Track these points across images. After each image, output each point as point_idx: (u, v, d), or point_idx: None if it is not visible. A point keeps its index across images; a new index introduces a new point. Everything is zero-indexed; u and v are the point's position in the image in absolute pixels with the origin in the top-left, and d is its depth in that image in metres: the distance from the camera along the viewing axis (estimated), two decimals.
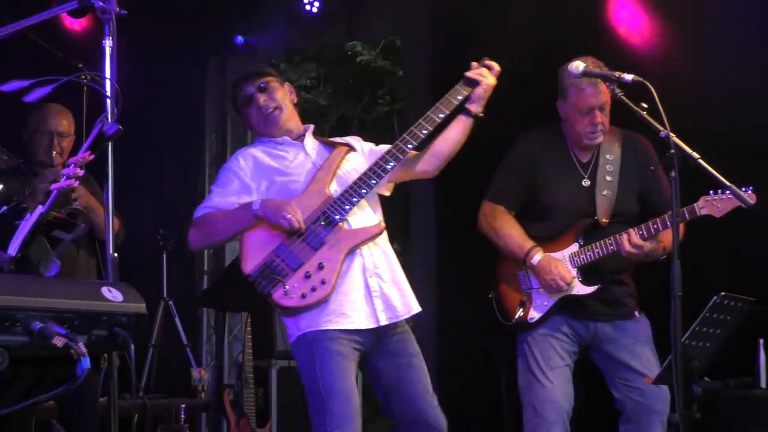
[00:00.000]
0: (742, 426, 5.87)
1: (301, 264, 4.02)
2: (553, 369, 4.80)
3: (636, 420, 4.81)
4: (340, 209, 4.08)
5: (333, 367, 3.98)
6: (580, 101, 4.80)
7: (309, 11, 8.30)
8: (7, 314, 2.39)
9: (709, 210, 4.66)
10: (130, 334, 2.64)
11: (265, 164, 4.22)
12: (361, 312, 4.06)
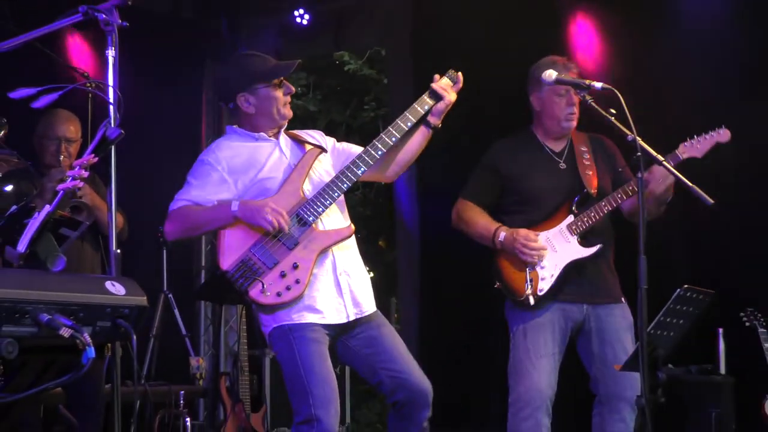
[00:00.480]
0: (703, 409, 5.89)
1: (277, 263, 3.99)
2: (541, 358, 4.79)
3: (608, 403, 4.83)
4: (314, 211, 4.05)
5: (311, 353, 3.98)
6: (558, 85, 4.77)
7: (299, 23, 8.31)
8: (16, 307, 2.39)
9: (690, 153, 4.71)
10: (132, 325, 2.64)
11: (242, 159, 4.15)
12: (332, 308, 4.06)
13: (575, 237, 4.84)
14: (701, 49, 6.46)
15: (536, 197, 4.89)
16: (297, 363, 3.98)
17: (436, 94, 4.28)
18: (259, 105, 4.18)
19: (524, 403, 4.79)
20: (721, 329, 6.13)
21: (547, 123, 5.01)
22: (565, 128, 4.96)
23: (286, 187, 4.10)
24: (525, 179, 4.93)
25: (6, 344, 2.35)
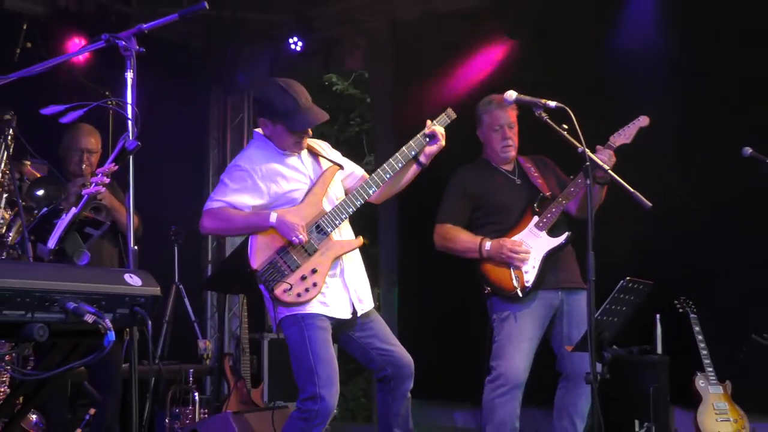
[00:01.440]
0: (642, 384, 5.90)
1: (299, 266, 4.02)
2: (522, 342, 4.81)
3: (573, 379, 4.85)
4: (333, 222, 4.10)
5: (319, 339, 4.01)
6: (492, 121, 4.95)
7: (294, 49, 8.32)
8: (47, 296, 2.38)
9: (620, 141, 4.80)
10: (148, 312, 2.63)
11: (273, 168, 4.13)
12: (339, 305, 4.11)
13: (544, 232, 4.87)
14: (633, 61, 6.53)
15: (502, 209, 4.92)
16: (306, 347, 4.01)
17: (431, 137, 4.32)
18: (274, 136, 4.17)
19: (504, 380, 4.80)
20: (658, 315, 6.14)
21: (491, 154, 5.07)
22: (504, 158, 5.04)
23: (309, 199, 4.12)
24: (490, 196, 4.97)
25: (38, 329, 2.34)
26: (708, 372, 5.79)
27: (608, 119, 4.97)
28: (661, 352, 6.19)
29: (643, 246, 6.22)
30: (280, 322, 4.11)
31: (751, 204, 6.17)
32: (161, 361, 6.66)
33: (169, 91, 7.55)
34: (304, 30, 8.29)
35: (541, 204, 4.92)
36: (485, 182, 5.02)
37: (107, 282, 2.57)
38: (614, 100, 6.34)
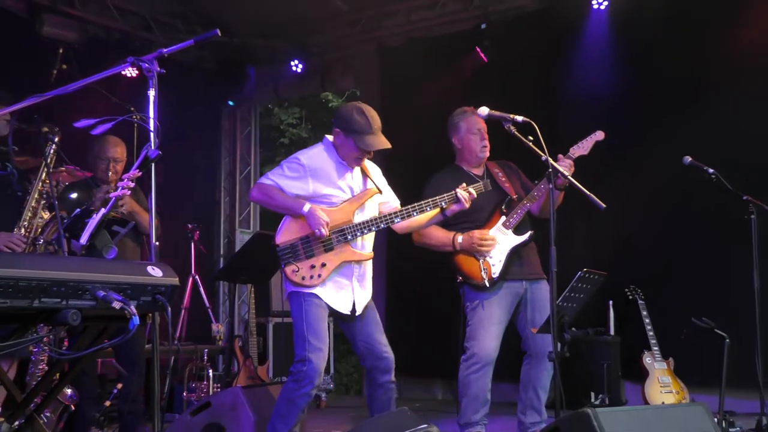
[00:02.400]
0: (597, 361, 5.93)
1: (313, 256, 4.06)
2: (492, 326, 4.79)
3: (536, 357, 4.84)
4: (354, 234, 4.12)
5: (314, 313, 4.04)
6: (471, 126, 4.91)
7: (295, 71, 8.36)
8: (79, 285, 2.37)
9: (579, 152, 4.77)
10: (167, 299, 2.63)
11: (326, 172, 4.17)
12: (341, 300, 4.12)
13: (510, 230, 4.86)
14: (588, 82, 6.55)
15: (473, 210, 4.90)
16: (302, 319, 4.04)
17: (458, 198, 4.30)
18: (342, 146, 4.20)
19: (478, 359, 4.79)
20: (611, 301, 6.18)
21: (467, 156, 5.03)
22: (481, 158, 5.01)
23: (343, 207, 4.15)
24: None
25: (72, 314, 2.33)
26: (654, 350, 5.81)
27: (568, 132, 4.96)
28: (613, 334, 6.22)
29: (597, 241, 6.25)
30: (288, 295, 4.15)
31: (691, 205, 6.20)
32: (179, 342, 6.65)
33: (185, 107, 7.55)
34: (304, 54, 8.32)
35: (508, 205, 4.91)
36: (458, 185, 5.00)
37: (132, 273, 2.57)
38: (573, 116, 6.36)
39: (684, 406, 4.66)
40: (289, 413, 4.01)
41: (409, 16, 7.80)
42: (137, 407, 5.45)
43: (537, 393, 4.91)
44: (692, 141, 5.71)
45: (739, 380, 5.00)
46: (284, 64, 8.39)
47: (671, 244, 6.39)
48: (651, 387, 5.73)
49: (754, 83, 6.11)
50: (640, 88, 6.54)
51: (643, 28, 6.50)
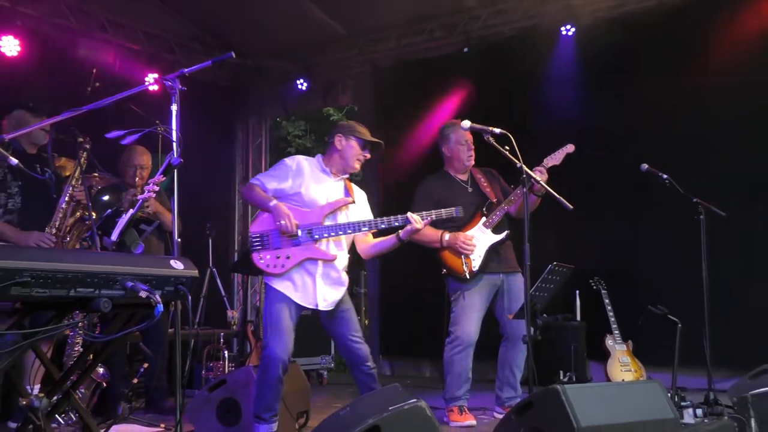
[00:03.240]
0: (565, 343, 5.93)
1: (279, 248, 3.98)
2: (473, 313, 4.82)
3: (511, 340, 4.87)
4: (320, 233, 4.00)
5: (276, 308, 3.97)
6: (459, 137, 4.94)
7: (300, 88, 8.38)
8: (110, 277, 2.38)
9: (551, 162, 4.80)
10: (188, 289, 2.63)
11: (307, 175, 4.09)
12: (308, 297, 4.00)
13: (489, 230, 4.88)
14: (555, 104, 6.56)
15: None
16: (266, 311, 4.00)
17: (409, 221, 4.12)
18: (345, 148, 4.13)
19: (460, 341, 4.81)
20: (577, 291, 6.17)
21: (455, 163, 5.05)
22: (467, 165, 5.04)
23: (315, 210, 4.03)
24: (449, 200, 4.90)
25: (103, 302, 2.33)
26: (615, 334, 5.82)
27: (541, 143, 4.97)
28: (579, 319, 6.22)
29: (566, 239, 6.24)
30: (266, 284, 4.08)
31: (648, 207, 6.21)
32: (199, 326, 6.62)
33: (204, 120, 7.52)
34: (308, 74, 8.34)
35: (488, 208, 4.93)
36: (446, 189, 5.00)
37: (157, 266, 2.57)
38: (546, 129, 6.36)
39: (641, 382, 4.66)
40: (264, 393, 3.94)
41: (399, 40, 7.81)
42: (161, 384, 5.45)
43: (513, 371, 4.93)
44: (648, 151, 5.73)
45: (689, 360, 5.01)
46: (291, 83, 8.40)
47: (630, 241, 6.41)
48: (612, 366, 5.74)
49: (700, 101, 6.14)
50: (602, 103, 6.55)
51: (604, 52, 6.51)
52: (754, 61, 5.96)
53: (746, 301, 5.86)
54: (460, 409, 4.79)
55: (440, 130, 5.11)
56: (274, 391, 3.94)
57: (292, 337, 3.99)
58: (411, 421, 2.51)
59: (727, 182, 5.91)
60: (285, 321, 3.97)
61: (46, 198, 4.51)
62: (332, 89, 8.51)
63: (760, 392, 3.86)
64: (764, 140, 5.89)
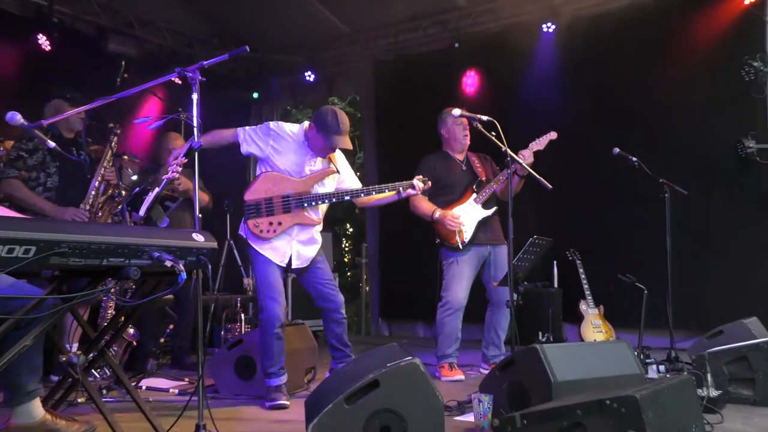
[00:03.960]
0: (544, 308, 5.95)
1: (272, 215, 3.95)
2: (463, 280, 4.82)
3: (497, 305, 4.89)
4: (310, 203, 3.98)
5: (266, 270, 3.96)
6: (456, 119, 4.87)
7: (308, 80, 8.30)
8: (139, 248, 2.37)
9: (536, 147, 4.78)
10: (208, 259, 2.63)
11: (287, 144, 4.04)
12: (282, 255, 3.99)
13: (479, 205, 4.88)
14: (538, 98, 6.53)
15: (452, 186, 4.89)
16: (257, 275, 3.98)
17: (412, 186, 4.20)
18: (312, 138, 4.05)
19: (451, 305, 4.82)
20: (555, 261, 6.19)
21: (452, 143, 5.03)
22: (463, 144, 5.00)
23: (305, 180, 4.00)
24: (445, 176, 4.92)
25: (133, 270, 2.33)
26: (588, 299, 5.84)
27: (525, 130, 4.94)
28: (556, 287, 6.25)
29: (545, 215, 6.24)
30: (250, 247, 4.02)
31: (619, 186, 6.21)
32: (218, 292, 6.64)
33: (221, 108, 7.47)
34: (315, 67, 8.28)
35: (479, 185, 4.92)
36: (443, 166, 4.99)
37: (180, 239, 2.56)
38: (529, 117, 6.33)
39: (611, 342, 4.68)
40: (266, 352, 3.95)
41: (397, 37, 7.77)
42: (185, 343, 5.48)
43: (497, 332, 4.95)
44: (620, 136, 5.72)
45: (653, 322, 5.04)
46: (299, 75, 8.35)
47: (603, 216, 6.41)
48: (586, 328, 5.77)
49: (665, 92, 6.14)
50: (580, 94, 6.53)
51: (581, 47, 6.48)
52: (711, 56, 5.96)
53: (705, 270, 5.88)
54: (450, 365, 4.81)
55: (439, 115, 5.08)
56: (276, 347, 3.95)
57: (284, 296, 4.00)
58: (407, 376, 2.53)
59: (689, 164, 5.91)
60: (276, 283, 3.97)
61: (81, 178, 4.51)
62: (336, 80, 8.46)
63: (716, 350, 3.90)
64: (717, 126, 5.93)
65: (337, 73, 8.41)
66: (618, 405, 2.05)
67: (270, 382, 3.95)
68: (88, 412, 3.33)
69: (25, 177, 4.44)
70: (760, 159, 5.73)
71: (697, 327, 5.44)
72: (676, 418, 2.23)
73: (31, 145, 4.47)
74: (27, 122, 2.85)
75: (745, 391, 3.79)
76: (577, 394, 2.55)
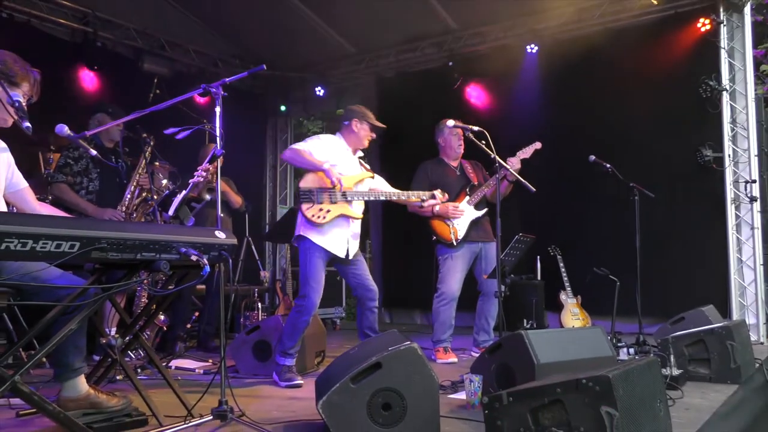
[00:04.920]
0: (528, 298, 5.95)
1: (322, 202, 3.93)
2: (456, 273, 4.81)
3: (487, 295, 4.88)
4: (353, 196, 4.00)
5: (315, 261, 3.92)
6: (452, 129, 4.86)
7: (318, 94, 8.30)
8: (168, 244, 2.38)
9: (522, 156, 4.77)
10: (229, 254, 2.63)
11: (334, 149, 4.08)
12: (340, 247, 3.99)
13: (471, 206, 4.87)
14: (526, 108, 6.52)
15: (447, 189, 4.90)
16: (305, 264, 3.93)
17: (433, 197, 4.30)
18: (359, 130, 4.12)
19: (445, 296, 4.82)
20: (538, 256, 6.18)
21: (448, 151, 5.02)
22: (458, 152, 4.99)
23: (348, 178, 4.00)
24: (441, 180, 4.92)
25: (163, 263, 2.34)
26: (567, 290, 5.84)
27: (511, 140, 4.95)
28: (539, 279, 6.24)
29: (529, 215, 6.24)
30: (297, 236, 4.00)
31: (594, 190, 6.21)
32: (237, 283, 6.65)
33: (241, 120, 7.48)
34: (325, 83, 8.27)
35: (471, 189, 4.91)
36: (439, 172, 4.98)
37: (204, 236, 2.56)
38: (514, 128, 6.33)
39: (587, 329, 4.69)
40: (293, 334, 3.93)
41: (398, 56, 7.77)
42: (210, 328, 5.48)
43: (487, 320, 4.94)
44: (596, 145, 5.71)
45: (624, 311, 5.05)
46: (310, 90, 8.35)
47: (580, 217, 6.41)
48: (565, 316, 5.77)
49: (635, 105, 6.14)
50: (558, 106, 6.52)
51: (561, 66, 6.47)
52: (673, 75, 5.99)
53: (668, 263, 5.88)
54: (445, 349, 4.81)
55: (436, 126, 5.05)
56: (301, 333, 3.96)
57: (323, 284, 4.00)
58: (406, 359, 2.53)
59: (654, 170, 5.91)
60: (321, 276, 3.96)
61: (118, 183, 4.53)
62: (344, 95, 8.45)
63: (677, 335, 3.92)
64: (678, 136, 5.96)
65: (344, 88, 8.40)
66: (593, 383, 2.06)
67: (285, 361, 3.94)
68: (125, 388, 3.34)
69: (71, 182, 4.47)
70: (716, 166, 5.78)
71: (662, 314, 5.43)
72: (644, 394, 2.23)
73: (76, 154, 4.51)
74: (73, 133, 2.86)
75: (702, 369, 3.83)
76: (557, 374, 2.55)
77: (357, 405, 2.45)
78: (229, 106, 3.06)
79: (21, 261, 2.44)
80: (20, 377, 2.18)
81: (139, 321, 3.11)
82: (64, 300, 2.42)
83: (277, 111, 8.83)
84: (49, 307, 2.41)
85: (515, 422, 2.17)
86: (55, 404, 2.40)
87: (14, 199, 2.84)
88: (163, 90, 6.31)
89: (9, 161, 2.80)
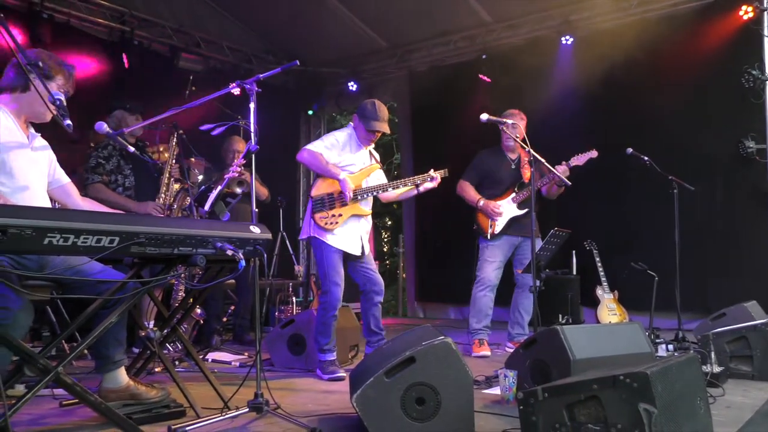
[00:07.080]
0: (563, 292, 5.88)
1: (333, 208, 3.97)
2: (494, 262, 4.85)
3: (522, 288, 4.89)
4: (362, 195, 4.02)
5: (333, 258, 3.95)
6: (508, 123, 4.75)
7: (351, 89, 8.31)
8: (204, 239, 2.39)
9: (576, 162, 4.73)
10: (264, 249, 2.64)
11: (348, 148, 4.06)
12: (354, 245, 4.02)
13: (515, 204, 4.87)
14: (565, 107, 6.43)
15: (498, 182, 4.87)
16: (323, 261, 3.96)
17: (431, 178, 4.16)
18: (357, 128, 4.11)
19: (483, 283, 4.85)
20: (574, 251, 6.11)
21: (505, 142, 4.97)
22: (507, 146, 4.96)
23: (357, 175, 4.03)
24: (494, 173, 4.90)
25: (199, 258, 2.35)
26: (604, 285, 5.76)
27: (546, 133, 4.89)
28: (575, 273, 6.17)
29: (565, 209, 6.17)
30: (309, 238, 4.03)
31: (631, 183, 6.11)
32: (272, 278, 6.71)
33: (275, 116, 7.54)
34: (357, 78, 8.29)
35: (519, 186, 4.89)
36: (494, 163, 4.96)
37: (240, 231, 2.58)
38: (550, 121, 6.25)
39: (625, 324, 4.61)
40: (325, 330, 3.96)
41: (430, 50, 7.74)
42: (245, 322, 5.55)
43: (521, 314, 4.93)
44: (633, 138, 5.62)
45: (663, 306, 4.96)
46: (343, 85, 8.38)
47: (617, 211, 6.31)
48: (602, 311, 5.69)
49: (674, 97, 6.01)
50: (594, 99, 6.42)
51: (597, 57, 6.36)
52: (714, 65, 5.84)
53: (709, 259, 5.76)
54: (480, 341, 4.80)
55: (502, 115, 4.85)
56: (332, 327, 3.98)
57: (344, 282, 4.02)
58: (440, 353, 2.52)
59: (694, 162, 5.79)
60: (340, 271, 3.99)
61: (151, 176, 4.62)
62: (376, 89, 8.45)
63: (719, 331, 3.84)
64: (720, 128, 5.83)
65: (376, 83, 8.41)
66: (630, 380, 2.02)
67: (326, 357, 3.98)
68: (163, 380, 3.40)
69: (106, 180, 4.57)
70: (759, 158, 5.65)
71: (702, 310, 5.34)
72: (683, 391, 2.19)
73: (105, 153, 4.60)
74: (112, 131, 2.93)
75: (744, 367, 3.75)
76: (594, 370, 2.51)
77: (391, 399, 2.45)
78: (262, 102, 3.08)
79: (63, 255, 2.51)
80: (63, 368, 2.23)
81: (177, 314, 3.16)
82: (105, 294, 2.47)
83: (310, 106, 8.87)
84: (90, 300, 2.47)
85: (550, 418, 2.15)
86: (97, 395, 2.45)
87: (58, 194, 2.92)
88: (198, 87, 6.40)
89: (51, 158, 2.88)
